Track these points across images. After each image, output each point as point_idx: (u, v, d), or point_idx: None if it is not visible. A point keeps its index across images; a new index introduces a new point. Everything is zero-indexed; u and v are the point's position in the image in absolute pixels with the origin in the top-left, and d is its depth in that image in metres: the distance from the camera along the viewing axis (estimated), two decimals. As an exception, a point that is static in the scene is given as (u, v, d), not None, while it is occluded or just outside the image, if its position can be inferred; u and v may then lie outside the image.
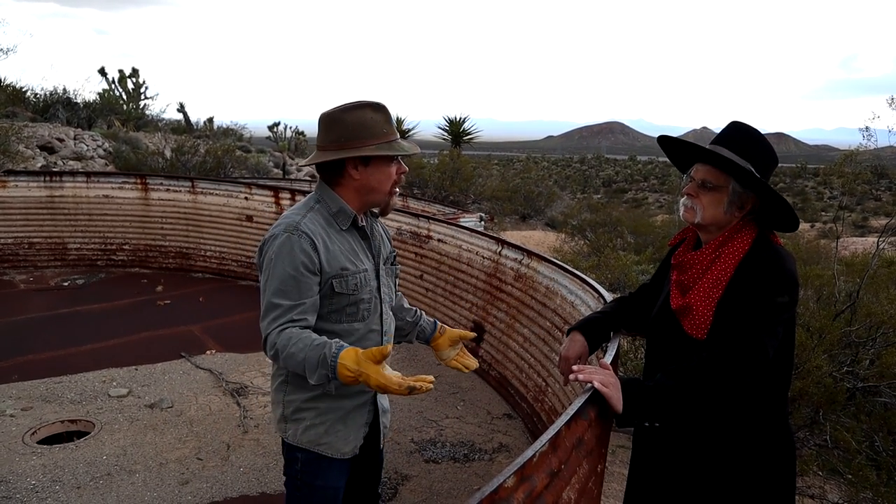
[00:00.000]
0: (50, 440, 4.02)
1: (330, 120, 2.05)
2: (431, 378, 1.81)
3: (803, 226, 29.60)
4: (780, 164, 2.08)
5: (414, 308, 2.44)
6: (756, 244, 1.87)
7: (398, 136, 2.10)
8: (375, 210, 2.21)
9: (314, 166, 2.12)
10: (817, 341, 4.15)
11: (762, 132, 1.96)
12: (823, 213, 37.55)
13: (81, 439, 4.00)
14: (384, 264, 2.23)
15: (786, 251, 1.87)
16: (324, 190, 2.10)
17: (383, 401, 2.29)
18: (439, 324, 2.40)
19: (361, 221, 2.13)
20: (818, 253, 10.58)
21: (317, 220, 2.04)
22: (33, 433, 4.02)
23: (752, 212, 1.91)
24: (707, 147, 1.94)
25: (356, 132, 2.01)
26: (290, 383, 2.11)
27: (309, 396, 2.09)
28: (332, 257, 2.02)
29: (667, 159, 2.03)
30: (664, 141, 2.08)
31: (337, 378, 1.80)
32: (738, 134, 1.92)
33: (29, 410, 4.31)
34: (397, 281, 2.39)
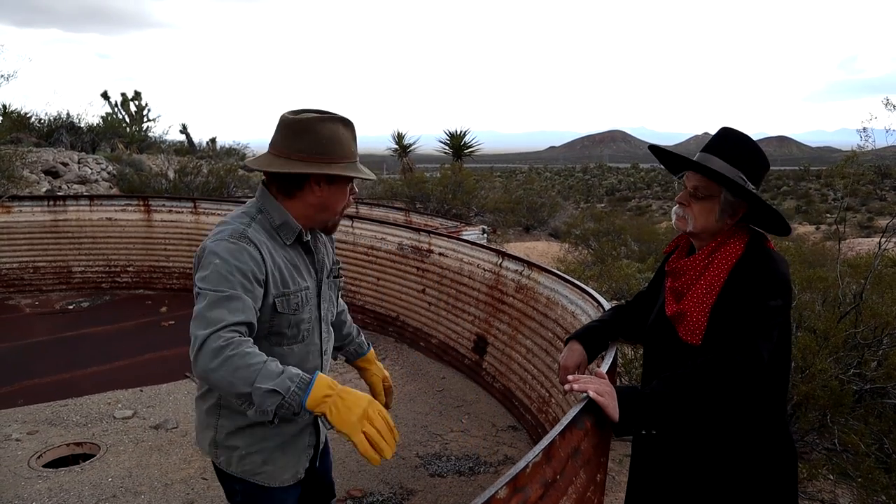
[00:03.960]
0: (55, 463, 4.03)
1: (300, 127, 1.85)
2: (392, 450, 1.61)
3: (808, 228, 29.52)
4: (783, 168, 2.08)
5: (354, 325, 2.36)
6: (748, 249, 1.87)
7: (358, 158, 1.96)
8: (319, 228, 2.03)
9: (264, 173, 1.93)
10: (823, 344, 4.12)
11: (764, 136, 1.95)
12: (828, 215, 37.42)
13: (87, 462, 4.00)
14: (327, 278, 2.08)
15: (778, 255, 1.87)
16: (266, 200, 1.91)
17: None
18: (372, 350, 2.36)
19: (306, 236, 1.97)
20: (823, 255, 10.53)
21: (260, 232, 1.86)
22: (39, 457, 4.02)
23: (744, 218, 1.92)
24: (697, 155, 1.94)
25: (328, 148, 1.85)
26: (224, 406, 1.92)
27: (245, 423, 1.90)
28: (275, 273, 1.85)
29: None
30: (655, 150, 2.09)
31: (303, 398, 1.56)
32: (728, 141, 1.92)
33: (34, 434, 4.31)
34: (340, 293, 2.24)
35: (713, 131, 2.01)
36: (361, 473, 3.87)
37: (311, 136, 1.84)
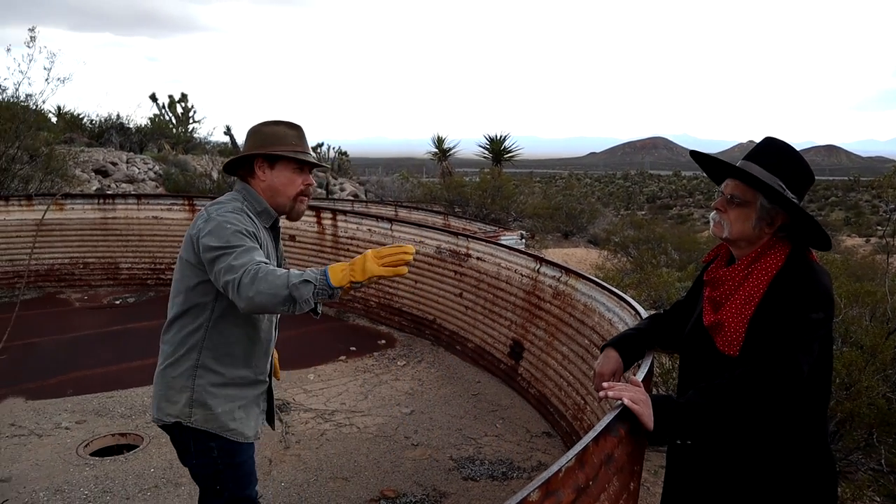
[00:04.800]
0: (101, 452, 4.17)
1: (251, 131, 2.32)
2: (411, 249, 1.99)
3: (856, 241, 28.62)
4: (831, 178, 2.06)
5: None
6: (790, 260, 1.85)
7: (309, 151, 2.33)
8: (282, 214, 2.37)
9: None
10: (870, 360, 4.02)
11: (812, 144, 1.94)
12: (878, 228, 36.27)
13: (131, 452, 4.13)
14: (279, 265, 2.42)
15: (820, 267, 1.84)
16: (247, 191, 2.29)
17: (273, 388, 2.52)
18: None
19: (280, 224, 2.37)
20: (872, 269, 10.23)
21: (251, 213, 2.24)
22: (86, 445, 4.17)
23: (784, 228, 1.89)
24: (738, 163, 1.93)
25: (269, 139, 2.26)
26: (201, 367, 2.24)
27: (219, 381, 2.25)
28: (262, 246, 2.21)
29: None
30: (697, 156, 2.09)
31: (328, 280, 1.92)
32: (770, 150, 1.91)
33: (82, 424, 4.47)
34: None
35: (758, 139, 2.01)
36: (395, 474, 3.91)
37: (257, 135, 2.29)
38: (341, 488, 3.75)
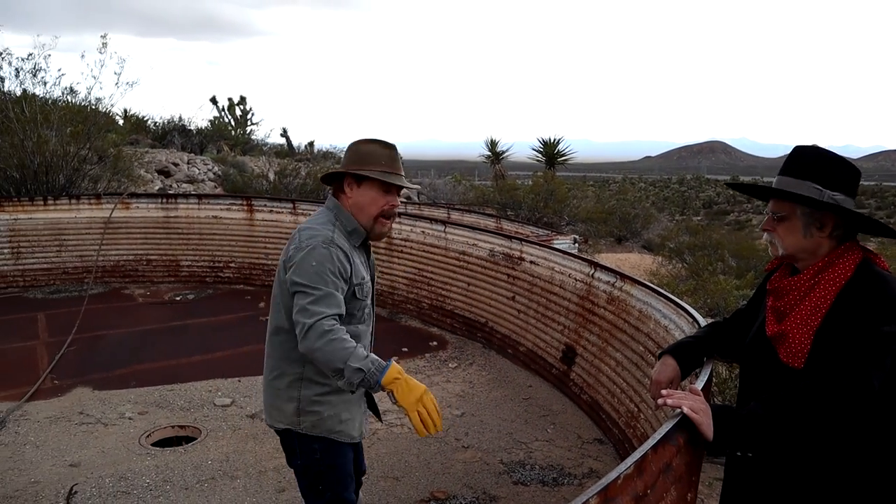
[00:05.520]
0: (162, 443, 4.32)
1: (348, 147, 2.43)
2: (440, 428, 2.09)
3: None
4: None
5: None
6: (859, 270, 1.79)
7: (400, 172, 2.39)
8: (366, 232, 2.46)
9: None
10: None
11: (881, 149, 1.90)
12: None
13: (189, 444, 4.26)
14: (372, 281, 2.56)
15: (892, 276, 1.77)
16: (339, 210, 2.39)
17: None
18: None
19: (368, 241, 2.47)
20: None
21: (341, 237, 2.33)
22: (148, 436, 4.33)
23: (839, 228, 1.84)
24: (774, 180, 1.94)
25: (362, 158, 2.35)
26: (304, 379, 2.37)
27: (322, 392, 2.37)
28: (355, 269, 2.32)
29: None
30: (735, 188, 2.19)
31: (379, 377, 2.02)
32: (796, 157, 1.90)
33: (144, 415, 4.64)
34: None
35: (825, 143, 1.96)
36: (445, 476, 3.93)
37: (352, 152, 2.39)
38: (392, 487, 3.78)
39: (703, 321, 3.08)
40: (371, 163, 2.33)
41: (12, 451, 4.08)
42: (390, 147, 2.38)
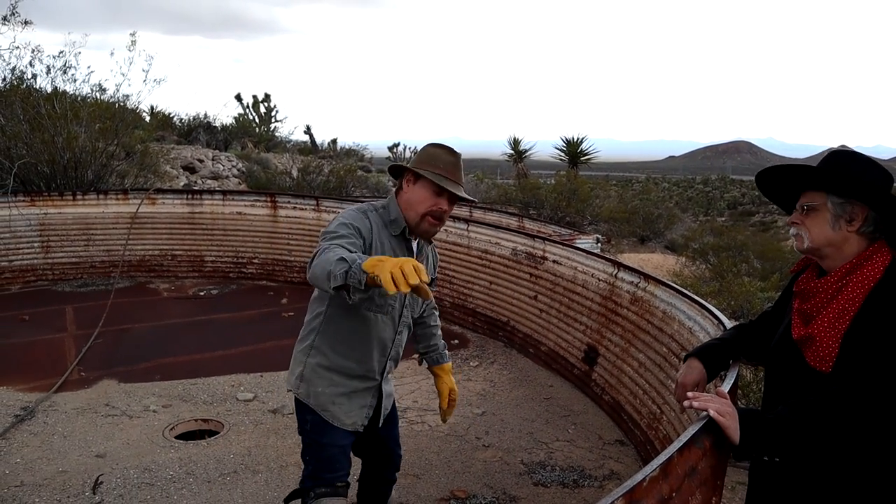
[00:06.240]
0: (185, 436, 4.37)
1: (420, 149, 2.55)
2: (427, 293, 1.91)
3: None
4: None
5: (443, 341, 2.89)
6: (889, 272, 1.75)
7: (457, 180, 2.44)
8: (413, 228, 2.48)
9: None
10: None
11: None
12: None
13: (212, 438, 4.31)
14: (431, 284, 2.50)
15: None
16: (391, 200, 2.50)
17: (387, 386, 2.65)
18: (449, 363, 2.86)
19: (409, 234, 2.47)
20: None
21: (377, 220, 2.44)
22: (171, 428, 4.38)
23: (869, 224, 1.79)
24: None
25: (424, 159, 2.45)
26: (315, 347, 2.49)
27: (325, 364, 2.48)
28: (378, 244, 2.39)
29: None
30: (761, 186, 2.08)
31: (360, 262, 1.89)
32: (830, 158, 1.88)
33: (168, 408, 4.69)
34: (434, 310, 2.86)
35: (852, 144, 1.94)
36: (465, 475, 3.93)
37: (420, 152, 2.51)
38: (412, 485, 3.79)
39: (728, 323, 3.04)
40: (431, 165, 2.42)
41: (41, 440, 4.16)
42: (454, 155, 2.47)
